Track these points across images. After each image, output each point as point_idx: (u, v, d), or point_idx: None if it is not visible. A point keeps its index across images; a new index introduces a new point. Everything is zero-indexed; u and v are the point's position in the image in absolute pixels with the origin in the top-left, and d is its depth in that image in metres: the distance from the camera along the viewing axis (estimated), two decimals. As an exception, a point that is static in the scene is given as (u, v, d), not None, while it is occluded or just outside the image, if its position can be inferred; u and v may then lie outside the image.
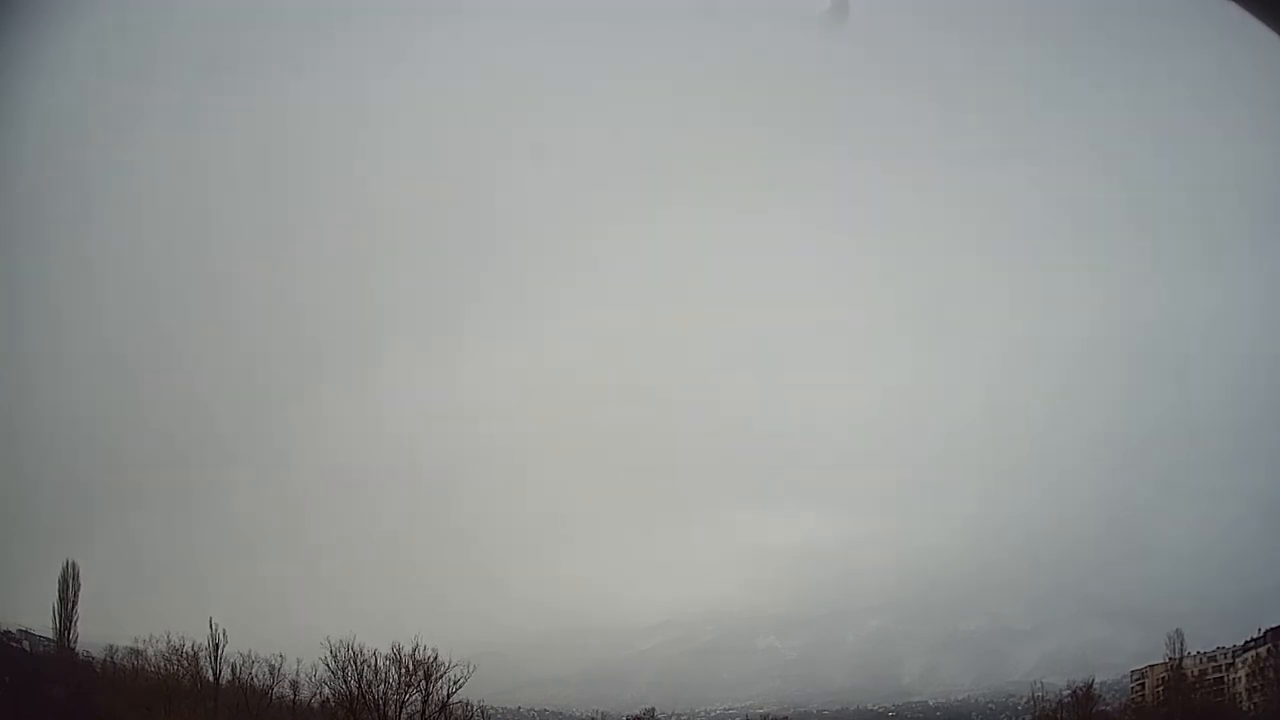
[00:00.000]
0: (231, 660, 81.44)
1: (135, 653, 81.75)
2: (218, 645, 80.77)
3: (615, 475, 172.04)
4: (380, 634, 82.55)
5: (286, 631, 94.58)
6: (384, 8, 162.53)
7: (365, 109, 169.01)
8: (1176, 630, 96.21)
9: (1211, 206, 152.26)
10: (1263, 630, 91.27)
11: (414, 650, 79.73)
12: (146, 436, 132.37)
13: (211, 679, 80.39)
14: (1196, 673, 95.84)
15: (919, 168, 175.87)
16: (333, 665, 78.58)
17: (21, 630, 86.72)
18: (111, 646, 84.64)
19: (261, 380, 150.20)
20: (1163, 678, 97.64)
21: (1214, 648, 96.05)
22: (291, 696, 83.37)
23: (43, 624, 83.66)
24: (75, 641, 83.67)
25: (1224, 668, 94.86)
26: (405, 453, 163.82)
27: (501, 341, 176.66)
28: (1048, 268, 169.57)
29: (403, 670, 79.24)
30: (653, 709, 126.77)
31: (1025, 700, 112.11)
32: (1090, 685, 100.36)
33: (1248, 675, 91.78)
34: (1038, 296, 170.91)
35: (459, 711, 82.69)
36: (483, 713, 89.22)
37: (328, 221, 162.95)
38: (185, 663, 79.49)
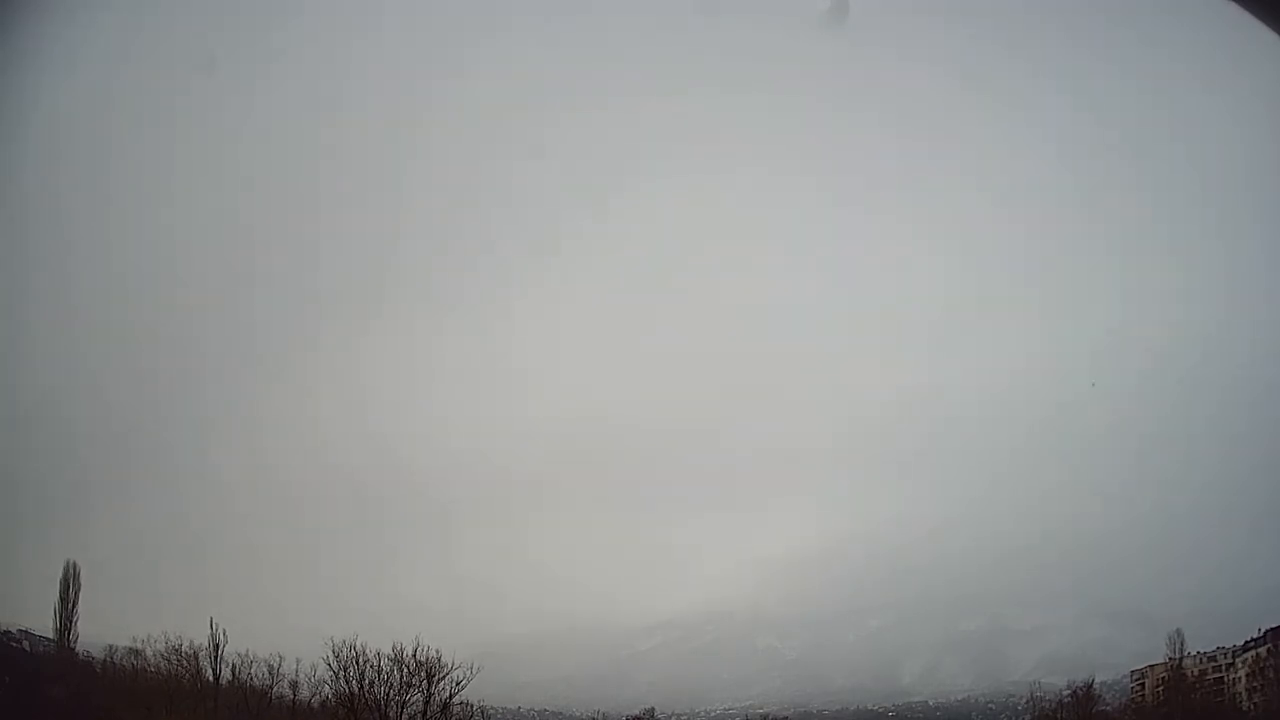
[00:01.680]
0: (231, 660, 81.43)
1: (135, 653, 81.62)
2: (218, 645, 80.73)
3: (613, 476, 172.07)
4: (381, 634, 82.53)
5: (286, 631, 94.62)
6: (376, 7, 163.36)
7: (363, 107, 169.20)
8: (1176, 630, 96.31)
9: (1225, 203, 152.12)
10: (1263, 630, 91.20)
11: (415, 651, 79.62)
12: (146, 437, 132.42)
13: (211, 679, 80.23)
14: (1196, 673, 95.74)
15: (931, 161, 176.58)
16: (334, 665, 78.43)
17: (21, 630, 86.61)
18: (111, 646, 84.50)
19: (260, 380, 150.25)
20: (1163, 678, 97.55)
21: (1214, 648, 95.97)
22: (291, 696, 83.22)
23: (43, 624, 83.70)
24: (75, 641, 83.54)
25: (1224, 668, 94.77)
26: (405, 454, 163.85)
27: (500, 344, 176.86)
28: (1058, 268, 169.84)
29: (404, 671, 79.06)
30: (653, 709, 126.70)
31: (1025, 700, 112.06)
32: (1090, 685, 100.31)
33: (1248, 675, 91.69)
34: (1044, 295, 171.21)
35: (459, 712, 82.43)
36: (483, 713, 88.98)
37: (321, 221, 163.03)
38: (185, 663, 79.37)
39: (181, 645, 79.23)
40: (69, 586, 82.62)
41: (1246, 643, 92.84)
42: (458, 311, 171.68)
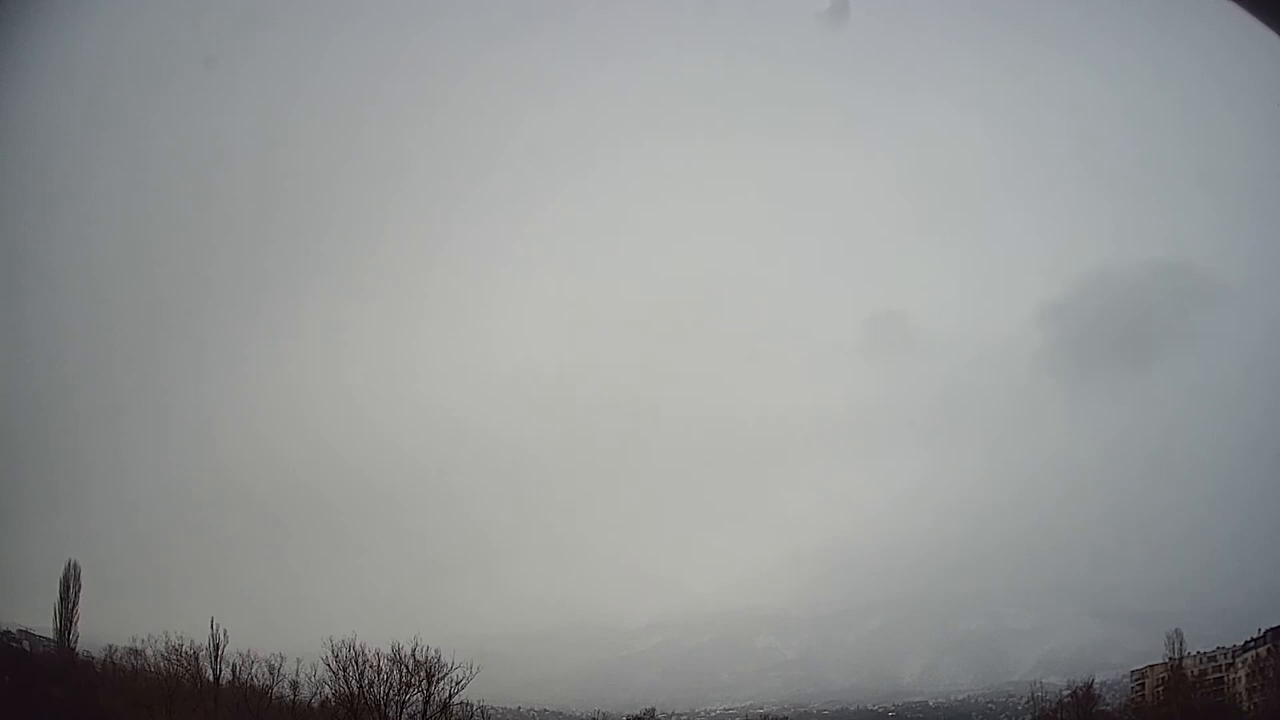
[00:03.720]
0: (231, 660, 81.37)
1: (135, 652, 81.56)
2: (218, 645, 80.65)
3: (614, 476, 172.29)
4: (380, 634, 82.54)
5: (286, 631, 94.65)
6: (377, 8, 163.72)
7: (365, 106, 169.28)
8: (1176, 630, 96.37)
9: (1224, 205, 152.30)
10: (1263, 630, 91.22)
11: (414, 651, 79.52)
12: (147, 436, 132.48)
13: (211, 679, 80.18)
14: (1196, 673, 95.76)
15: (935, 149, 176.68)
16: (334, 665, 78.33)
17: (21, 630, 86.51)
18: (111, 646, 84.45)
19: (259, 379, 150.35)
20: (1163, 678, 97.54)
21: (1214, 648, 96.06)
22: (291, 696, 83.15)
23: (43, 624, 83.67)
24: (75, 641, 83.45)
25: (1224, 668, 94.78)
26: (406, 453, 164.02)
27: (502, 340, 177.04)
28: (1049, 269, 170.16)
29: (404, 671, 78.94)
30: (653, 709, 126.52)
31: (1025, 700, 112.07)
32: (1090, 685, 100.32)
33: (1248, 675, 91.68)
34: (1038, 289, 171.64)
35: (459, 711, 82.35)
36: (483, 713, 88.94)
37: (316, 219, 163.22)
38: (185, 663, 79.28)
39: (181, 645, 79.27)
40: (69, 586, 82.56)
41: (1246, 643, 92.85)
42: (453, 306, 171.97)
